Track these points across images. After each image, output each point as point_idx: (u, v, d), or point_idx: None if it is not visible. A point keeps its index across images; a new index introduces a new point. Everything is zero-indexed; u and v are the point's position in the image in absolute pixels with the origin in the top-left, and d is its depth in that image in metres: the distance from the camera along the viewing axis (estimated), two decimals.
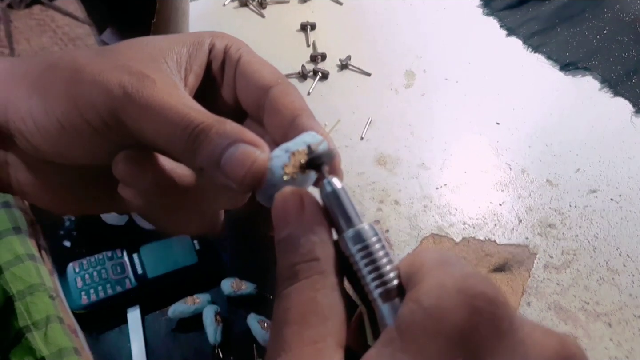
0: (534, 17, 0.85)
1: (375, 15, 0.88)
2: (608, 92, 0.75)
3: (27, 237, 0.62)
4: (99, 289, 0.68)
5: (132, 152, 0.32)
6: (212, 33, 0.37)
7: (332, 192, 0.28)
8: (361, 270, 0.27)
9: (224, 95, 0.37)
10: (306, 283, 0.26)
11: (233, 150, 0.29)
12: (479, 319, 0.23)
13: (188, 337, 0.67)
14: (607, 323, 0.54)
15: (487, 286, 0.23)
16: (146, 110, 0.30)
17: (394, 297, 0.26)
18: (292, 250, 0.27)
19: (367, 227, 0.28)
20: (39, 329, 0.56)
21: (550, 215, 0.62)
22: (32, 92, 0.31)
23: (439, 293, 0.23)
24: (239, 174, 0.29)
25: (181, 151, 0.30)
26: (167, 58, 0.33)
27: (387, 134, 0.71)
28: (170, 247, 0.72)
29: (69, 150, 0.32)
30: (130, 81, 0.30)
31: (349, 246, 0.27)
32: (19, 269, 0.59)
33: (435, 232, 0.61)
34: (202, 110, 0.31)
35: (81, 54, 0.32)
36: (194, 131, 0.30)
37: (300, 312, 0.25)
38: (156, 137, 0.31)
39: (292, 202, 0.28)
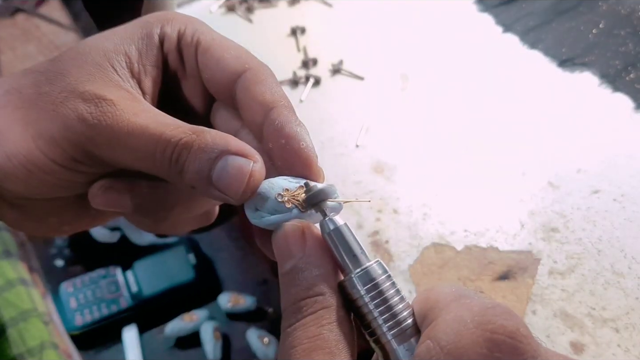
0: (529, 12, 0.84)
1: (367, 17, 0.87)
2: (607, 88, 0.73)
3: (18, 261, 0.61)
4: (93, 309, 0.67)
5: (107, 182, 0.31)
6: (160, 17, 0.34)
7: (334, 230, 0.27)
8: (372, 311, 0.26)
9: (190, 89, 0.35)
10: (311, 319, 0.25)
11: (223, 165, 0.28)
12: (500, 355, 0.21)
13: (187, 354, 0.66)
14: (614, 329, 0.53)
15: (508, 318, 0.22)
16: (115, 139, 0.28)
17: (409, 338, 0.25)
18: (296, 284, 0.26)
19: (375, 265, 0.27)
20: (33, 355, 0.54)
21: (552, 219, 0.61)
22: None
23: (457, 329, 0.22)
24: (237, 190, 0.28)
25: (165, 173, 0.29)
26: (115, 64, 0.31)
27: (383, 140, 0.69)
28: (165, 263, 0.71)
29: (41, 190, 0.30)
30: (88, 110, 0.28)
31: (358, 287, 0.26)
32: (11, 295, 0.57)
33: (436, 241, 0.59)
34: (175, 124, 0.29)
35: (25, 83, 0.30)
36: (175, 151, 0.28)
37: (306, 350, 0.24)
38: (133, 162, 0.29)
39: (293, 235, 0.27)
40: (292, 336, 0.25)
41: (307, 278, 0.26)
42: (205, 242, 0.76)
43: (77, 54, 0.31)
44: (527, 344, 0.22)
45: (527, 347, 0.22)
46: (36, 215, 0.33)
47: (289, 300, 0.26)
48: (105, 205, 0.31)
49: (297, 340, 0.25)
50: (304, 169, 0.30)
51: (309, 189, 0.29)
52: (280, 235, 0.27)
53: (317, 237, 0.27)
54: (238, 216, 0.77)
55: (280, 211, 0.28)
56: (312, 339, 0.24)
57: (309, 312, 0.25)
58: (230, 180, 0.28)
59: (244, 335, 0.67)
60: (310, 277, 0.26)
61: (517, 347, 0.22)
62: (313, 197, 0.28)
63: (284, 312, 0.26)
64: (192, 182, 0.28)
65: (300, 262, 0.26)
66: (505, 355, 0.21)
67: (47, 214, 0.33)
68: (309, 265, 0.26)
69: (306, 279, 0.26)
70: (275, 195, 0.28)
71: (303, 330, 0.25)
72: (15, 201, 0.32)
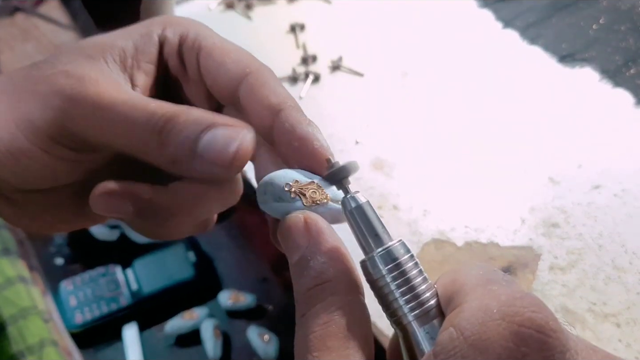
0: (529, 8, 0.84)
1: (366, 13, 0.86)
2: (608, 84, 0.73)
3: (17, 258, 0.60)
4: (93, 307, 0.67)
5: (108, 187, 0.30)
6: (163, 21, 0.33)
7: (357, 207, 0.27)
8: (394, 291, 0.25)
9: (193, 94, 0.34)
10: (321, 306, 0.25)
11: (211, 135, 0.27)
12: (527, 350, 0.20)
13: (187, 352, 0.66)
14: (616, 324, 0.53)
15: (536, 311, 0.21)
16: (95, 110, 0.27)
17: (432, 320, 0.25)
18: (305, 274, 0.26)
19: (398, 245, 0.26)
20: (33, 353, 0.54)
21: (553, 215, 0.60)
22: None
23: (483, 319, 0.21)
24: (226, 159, 0.27)
25: (147, 148, 0.28)
26: (107, 57, 0.30)
27: (383, 136, 0.69)
28: (165, 260, 0.71)
29: (30, 179, 0.30)
30: (68, 84, 0.28)
31: (379, 267, 0.26)
32: (10, 292, 0.57)
33: (436, 237, 0.59)
34: (161, 102, 0.28)
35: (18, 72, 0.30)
36: (158, 122, 0.27)
37: (319, 337, 0.24)
38: (114, 138, 0.28)
39: (296, 226, 0.27)
40: (305, 325, 0.25)
41: (314, 267, 0.26)
42: (205, 240, 0.76)
43: (72, 48, 0.31)
44: (555, 338, 0.21)
45: (556, 342, 0.21)
46: (32, 212, 0.33)
47: (300, 291, 0.26)
48: (106, 211, 0.31)
49: (309, 329, 0.24)
50: (322, 168, 0.30)
51: (332, 165, 0.28)
52: (284, 227, 0.27)
53: (320, 226, 0.27)
54: (237, 214, 0.77)
55: (285, 200, 0.28)
56: (323, 325, 0.24)
57: (319, 300, 0.25)
58: (218, 148, 0.27)
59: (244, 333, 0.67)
60: (317, 265, 0.26)
61: (546, 341, 0.21)
62: (334, 174, 0.28)
63: (297, 303, 0.26)
64: (174, 156, 0.28)
65: (307, 251, 0.26)
66: (532, 350, 0.21)
67: (43, 210, 0.33)
68: (315, 253, 0.26)
69: (313, 267, 0.26)
70: (284, 184, 0.28)
71: (314, 318, 0.25)
72: (10, 195, 0.31)
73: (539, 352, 0.21)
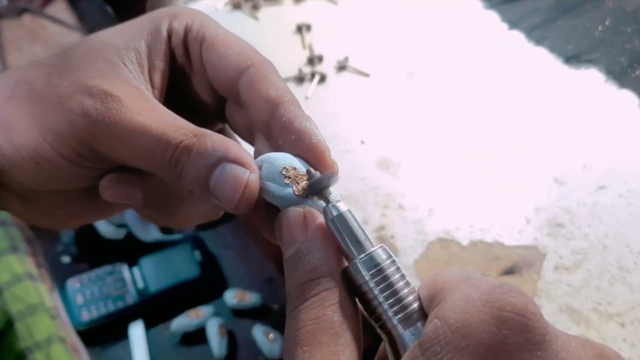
0: (534, 9, 0.84)
1: (372, 14, 0.87)
2: (613, 85, 0.73)
3: (25, 256, 0.61)
4: (100, 305, 0.67)
5: (117, 175, 0.31)
6: (169, 12, 0.34)
7: (338, 216, 0.27)
8: (377, 296, 0.26)
9: (198, 84, 0.35)
10: (314, 301, 0.25)
11: (220, 173, 0.28)
12: (508, 333, 0.21)
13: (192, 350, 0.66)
14: (620, 323, 0.53)
15: (516, 296, 0.22)
16: (117, 136, 0.28)
17: (416, 322, 0.25)
18: (299, 268, 0.26)
19: (379, 251, 0.27)
20: (41, 349, 0.55)
21: (558, 215, 0.61)
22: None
23: (465, 307, 0.22)
24: (233, 200, 0.28)
25: (165, 175, 0.29)
26: (125, 60, 0.31)
27: (388, 136, 0.69)
28: (171, 259, 0.71)
29: (49, 182, 0.30)
30: (93, 106, 0.28)
31: (362, 273, 0.26)
32: (19, 289, 0.58)
33: (441, 236, 0.59)
34: (177, 125, 0.29)
35: (35, 75, 0.30)
36: (175, 154, 0.28)
37: (310, 332, 0.24)
38: (134, 161, 0.29)
39: (295, 221, 0.27)
40: (296, 319, 0.25)
41: (310, 261, 0.26)
42: (210, 239, 0.76)
43: (89, 50, 0.31)
44: (536, 321, 0.21)
45: (537, 324, 0.21)
46: (43, 207, 0.33)
47: (293, 284, 0.26)
48: (115, 197, 0.31)
49: (301, 323, 0.25)
50: (318, 163, 0.30)
51: (311, 176, 0.29)
52: (283, 221, 0.28)
53: (318, 222, 0.27)
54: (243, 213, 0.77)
55: (277, 183, 0.29)
56: (315, 320, 0.25)
57: (312, 294, 0.25)
58: (226, 190, 0.28)
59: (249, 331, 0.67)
60: (313, 260, 0.26)
61: (526, 324, 0.21)
62: (314, 184, 0.28)
63: (288, 296, 0.26)
64: (190, 187, 0.29)
65: (303, 246, 0.26)
66: (514, 332, 0.21)
67: (54, 206, 0.33)
68: (312, 248, 0.26)
69: (309, 262, 0.26)
70: (281, 167, 0.29)
71: (307, 313, 0.25)
72: (22, 193, 0.32)
73: (521, 333, 0.21)
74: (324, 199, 0.28)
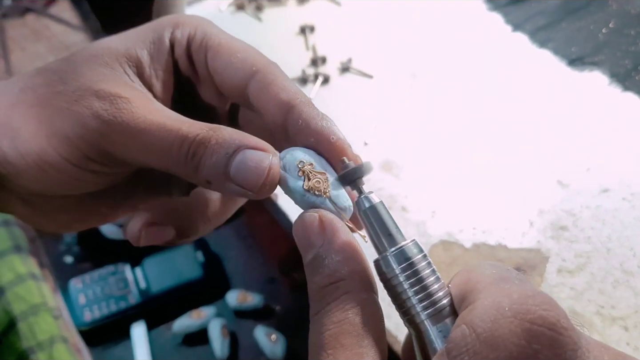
0: (538, 11, 0.84)
1: (375, 15, 0.87)
2: (617, 87, 0.73)
3: (28, 256, 0.61)
4: (102, 305, 0.67)
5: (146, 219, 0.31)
6: (172, 21, 0.34)
7: (371, 207, 0.27)
8: (407, 290, 0.25)
9: (206, 93, 0.35)
10: (335, 304, 0.25)
11: (241, 158, 0.28)
12: (538, 347, 0.21)
13: (194, 351, 0.66)
14: (624, 327, 0.53)
15: (548, 309, 0.22)
16: (131, 135, 0.28)
17: (444, 319, 0.25)
18: (319, 272, 0.26)
19: (411, 245, 0.26)
20: (43, 349, 0.55)
21: (561, 217, 0.60)
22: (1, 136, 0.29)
23: (495, 316, 0.22)
24: (257, 183, 0.28)
25: (181, 169, 0.29)
26: (126, 67, 0.31)
27: (392, 138, 0.69)
28: (174, 260, 0.71)
29: (54, 187, 0.30)
30: (103, 107, 0.28)
31: (392, 266, 0.26)
32: (21, 289, 0.58)
33: (444, 238, 0.59)
34: (190, 122, 0.29)
35: (39, 82, 0.30)
36: (192, 146, 0.28)
37: (333, 335, 0.24)
38: (149, 160, 0.29)
39: (311, 225, 0.27)
40: (319, 323, 0.25)
41: (329, 265, 0.26)
42: (213, 240, 0.76)
43: (90, 56, 0.31)
44: (567, 336, 0.21)
45: (568, 340, 0.21)
46: (47, 211, 0.33)
47: (313, 289, 0.26)
48: (151, 242, 0.31)
49: (324, 327, 0.25)
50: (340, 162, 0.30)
51: (345, 166, 0.28)
52: (299, 226, 0.27)
53: (335, 225, 0.27)
54: (246, 215, 0.77)
55: (290, 173, 0.29)
56: (338, 323, 0.25)
57: (333, 298, 0.25)
58: (249, 174, 0.28)
59: (251, 332, 0.67)
60: (332, 263, 0.26)
61: (557, 339, 0.21)
62: (348, 174, 0.28)
63: (310, 301, 0.26)
64: (208, 177, 0.28)
65: (321, 250, 0.26)
66: (543, 347, 0.21)
67: (58, 210, 0.33)
68: (329, 252, 0.26)
69: (328, 266, 0.26)
70: (299, 161, 0.29)
71: (329, 316, 0.25)
72: (27, 197, 0.32)
73: (551, 349, 0.21)
74: (357, 190, 0.28)
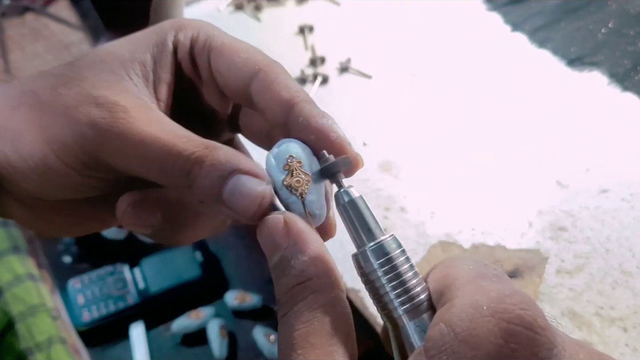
0: (538, 11, 0.84)
1: (375, 15, 0.86)
2: (616, 88, 0.73)
3: (26, 256, 0.61)
4: (101, 306, 0.67)
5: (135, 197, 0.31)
6: (174, 24, 0.34)
7: (350, 201, 0.27)
8: (385, 285, 0.25)
9: (208, 94, 0.35)
10: (303, 304, 0.25)
11: (234, 183, 0.28)
12: (516, 347, 0.21)
13: (193, 352, 0.66)
14: (623, 328, 0.53)
15: (525, 308, 0.22)
16: (126, 146, 0.28)
17: (422, 314, 0.25)
18: (285, 274, 0.26)
19: (390, 240, 0.26)
20: (41, 350, 0.55)
21: (560, 218, 0.60)
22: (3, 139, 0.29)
23: (473, 315, 0.22)
24: (249, 209, 0.28)
25: (175, 186, 0.29)
26: (130, 72, 0.31)
27: (390, 138, 0.69)
28: (172, 260, 0.71)
29: (54, 191, 0.30)
30: (101, 116, 0.28)
31: (371, 261, 0.26)
32: (20, 290, 0.58)
33: (443, 239, 0.59)
34: (188, 137, 0.29)
35: (41, 85, 0.30)
36: (186, 164, 0.28)
37: (302, 335, 0.24)
38: (143, 172, 0.29)
39: (276, 227, 0.27)
40: (287, 324, 0.25)
41: (295, 266, 0.26)
42: (212, 239, 0.76)
43: (94, 61, 0.31)
44: (543, 335, 0.21)
45: (544, 339, 0.21)
46: (46, 215, 0.33)
47: (281, 291, 0.26)
48: (135, 222, 0.31)
49: (292, 327, 0.25)
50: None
51: (325, 160, 0.28)
52: (264, 229, 0.27)
53: (299, 226, 0.27)
54: None
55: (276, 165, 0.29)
56: (307, 323, 0.24)
57: (301, 298, 0.25)
58: (241, 200, 0.27)
59: (250, 333, 0.67)
60: (298, 264, 0.26)
61: (534, 338, 0.21)
62: (327, 168, 0.28)
63: (278, 303, 0.26)
64: (201, 198, 0.28)
65: (287, 251, 0.26)
66: (521, 346, 0.21)
67: (58, 214, 0.33)
68: (295, 253, 0.26)
69: (294, 266, 0.26)
70: (288, 156, 0.28)
71: (297, 317, 0.25)
72: (26, 200, 0.32)
73: (528, 348, 0.21)
74: (336, 183, 0.28)
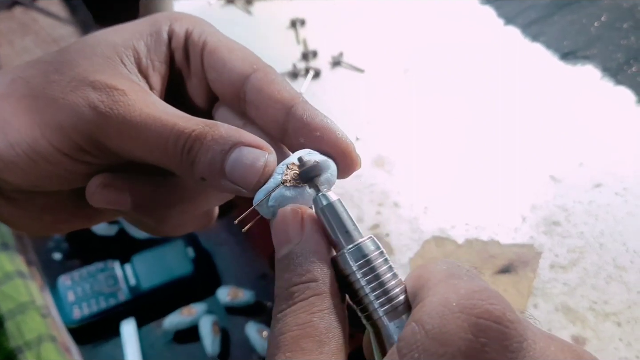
0: (531, 5, 0.84)
1: (367, 9, 0.86)
2: (609, 81, 0.73)
3: (15, 253, 0.60)
4: (91, 302, 0.66)
5: (105, 179, 0.30)
6: (170, 16, 0.34)
7: (327, 205, 0.27)
8: (364, 287, 0.26)
9: (192, 88, 0.35)
10: (302, 305, 0.25)
11: (237, 156, 0.28)
12: (485, 341, 0.21)
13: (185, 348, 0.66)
14: (616, 323, 0.53)
15: (494, 303, 0.22)
16: (127, 128, 0.28)
17: (401, 315, 0.25)
18: (290, 270, 0.26)
19: (368, 242, 0.26)
20: (31, 348, 0.54)
21: (554, 213, 0.60)
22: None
23: (442, 312, 0.22)
24: (252, 181, 0.28)
25: (176, 165, 0.29)
26: (123, 57, 0.31)
27: (384, 133, 0.69)
28: (164, 256, 0.71)
29: (42, 181, 0.30)
30: (100, 99, 0.28)
31: (350, 263, 0.26)
32: (9, 287, 0.57)
33: (436, 234, 0.59)
34: (187, 117, 0.29)
35: (32, 73, 0.30)
36: (187, 142, 0.28)
37: (294, 337, 0.24)
38: (143, 154, 0.29)
39: (292, 219, 0.27)
40: (282, 322, 0.25)
41: (302, 264, 0.26)
42: (204, 235, 0.76)
43: (86, 46, 0.31)
44: (513, 329, 0.22)
45: (514, 332, 0.22)
46: (31, 211, 0.33)
47: (282, 286, 0.26)
48: (103, 203, 0.31)
49: (286, 327, 0.24)
50: (344, 157, 0.30)
51: (303, 164, 0.28)
52: (279, 219, 0.27)
53: (315, 223, 0.27)
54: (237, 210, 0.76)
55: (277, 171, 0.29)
56: (301, 326, 0.24)
57: (300, 299, 0.25)
58: (244, 171, 0.28)
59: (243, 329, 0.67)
60: (305, 262, 0.26)
61: (503, 332, 0.21)
62: (305, 172, 0.28)
63: (276, 298, 0.26)
64: (203, 174, 0.28)
65: (297, 247, 0.26)
66: (490, 340, 0.21)
67: (43, 210, 0.33)
68: (305, 251, 0.26)
69: (301, 264, 0.26)
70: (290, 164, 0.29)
71: (293, 317, 0.25)
72: (11, 194, 0.31)
73: (497, 341, 0.21)
74: (314, 187, 0.28)
